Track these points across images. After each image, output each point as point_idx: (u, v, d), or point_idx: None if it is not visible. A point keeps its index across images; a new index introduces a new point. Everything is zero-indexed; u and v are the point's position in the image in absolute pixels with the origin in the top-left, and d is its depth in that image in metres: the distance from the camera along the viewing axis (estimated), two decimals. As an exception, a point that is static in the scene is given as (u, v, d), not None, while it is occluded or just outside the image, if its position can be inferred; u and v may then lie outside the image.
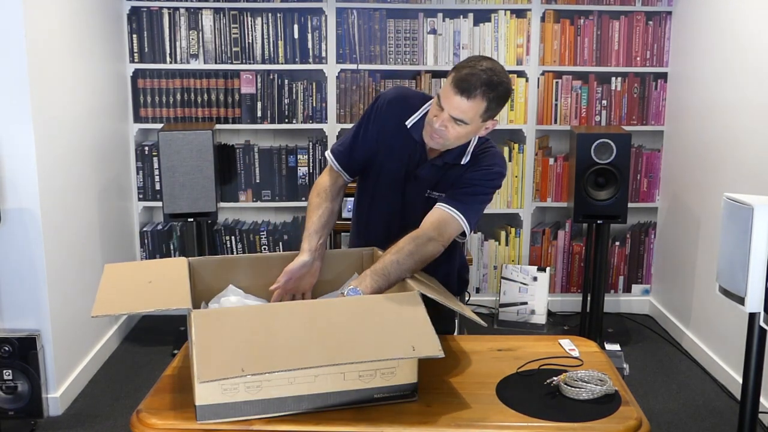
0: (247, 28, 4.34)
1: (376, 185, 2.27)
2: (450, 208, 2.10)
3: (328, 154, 2.31)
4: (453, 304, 1.93)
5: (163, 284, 1.79)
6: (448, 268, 2.34)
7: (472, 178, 2.15)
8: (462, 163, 2.18)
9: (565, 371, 1.81)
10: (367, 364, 1.64)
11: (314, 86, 4.40)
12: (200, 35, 4.34)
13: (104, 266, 1.90)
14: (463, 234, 2.14)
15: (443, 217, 2.09)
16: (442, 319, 1.72)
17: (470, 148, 2.18)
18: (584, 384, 1.75)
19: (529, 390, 1.76)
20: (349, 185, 2.35)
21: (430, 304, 1.81)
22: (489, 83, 1.99)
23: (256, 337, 1.59)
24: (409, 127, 2.18)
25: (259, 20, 4.33)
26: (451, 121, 2.03)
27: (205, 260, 2.02)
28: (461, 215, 2.09)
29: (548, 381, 1.78)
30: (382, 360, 1.64)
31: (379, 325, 1.68)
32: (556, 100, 4.46)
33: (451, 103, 2.01)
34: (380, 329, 1.67)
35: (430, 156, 2.19)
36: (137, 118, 4.39)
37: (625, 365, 2.97)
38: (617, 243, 4.62)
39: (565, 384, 1.76)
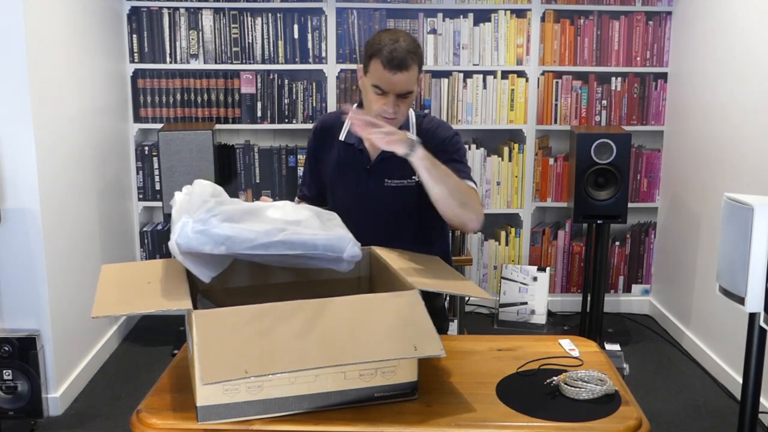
0: (247, 28, 4.34)
1: (336, 198, 2.35)
2: (467, 179, 2.20)
3: (296, 200, 2.41)
4: (458, 288, 1.97)
5: (162, 285, 1.78)
6: (443, 245, 2.41)
7: (452, 152, 2.23)
8: None
9: (565, 371, 1.80)
10: (368, 363, 1.64)
11: (314, 86, 4.40)
12: (200, 35, 4.34)
13: (101, 267, 1.89)
14: None
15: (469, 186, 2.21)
16: (434, 318, 1.73)
17: (411, 129, 2.27)
18: (584, 384, 1.75)
19: (528, 390, 1.76)
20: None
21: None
22: (411, 49, 2.12)
23: (257, 337, 1.59)
24: (343, 139, 2.30)
25: (259, 20, 4.33)
26: (399, 99, 2.14)
27: None
28: (474, 183, 2.23)
29: (548, 381, 1.78)
30: (384, 360, 1.64)
31: (381, 325, 1.68)
32: (556, 100, 4.46)
33: (394, 82, 2.11)
34: (381, 328, 1.67)
35: (372, 153, 2.27)
36: (137, 118, 4.39)
37: (625, 365, 2.98)
38: (617, 243, 4.62)
39: (565, 384, 1.76)
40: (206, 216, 1.71)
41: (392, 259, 2.02)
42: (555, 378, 1.78)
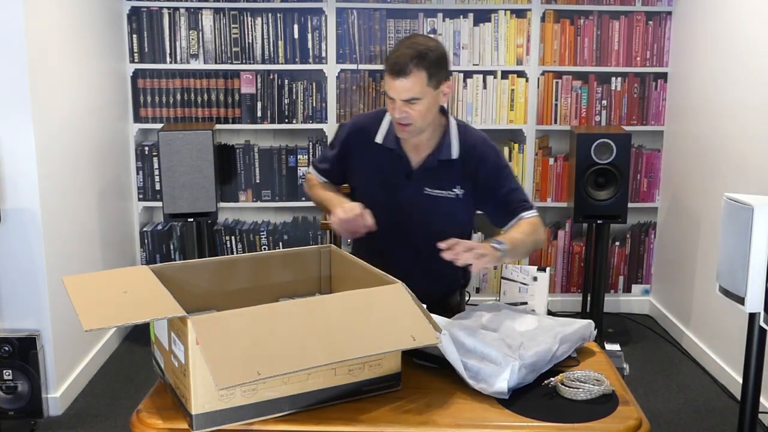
0: (247, 28, 4.34)
1: (371, 201, 2.25)
2: (526, 213, 2.27)
3: (310, 169, 2.45)
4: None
5: (141, 294, 1.74)
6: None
7: (500, 180, 2.27)
8: (454, 157, 2.24)
9: (562, 372, 1.81)
10: (362, 357, 1.65)
11: (314, 86, 4.40)
12: (200, 35, 4.34)
13: (63, 279, 1.81)
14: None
15: (535, 218, 2.28)
16: (450, 314, 1.80)
17: (453, 141, 2.25)
18: (581, 384, 1.75)
19: (526, 391, 1.77)
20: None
21: None
22: (417, 55, 2.08)
23: (260, 339, 1.58)
24: (381, 142, 2.28)
25: (259, 20, 4.33)
26: (406, 105, 2.11)
27: (169, 266, 1.96)
28: (533, 211, 2.29)
29: (546, 382, 1.78)
30: (388, 352, 1.67)
31: (376, 318, 1.68)
32: (556, 100, 4.46)
33: (395, 88, 2.10)
34: (378, 322, 1.68)
35: (414, 161, 2.26)
36: (137, 118, 4.39)
37: (625, 365, 2.97)
38: (617, 243, 4.62)
39: (563, 384, 1.76)
40: (524, 356, 1.79)
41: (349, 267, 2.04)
42: (552, 379, 1.78)
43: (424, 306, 1.77)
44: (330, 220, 2.16)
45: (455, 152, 2.23)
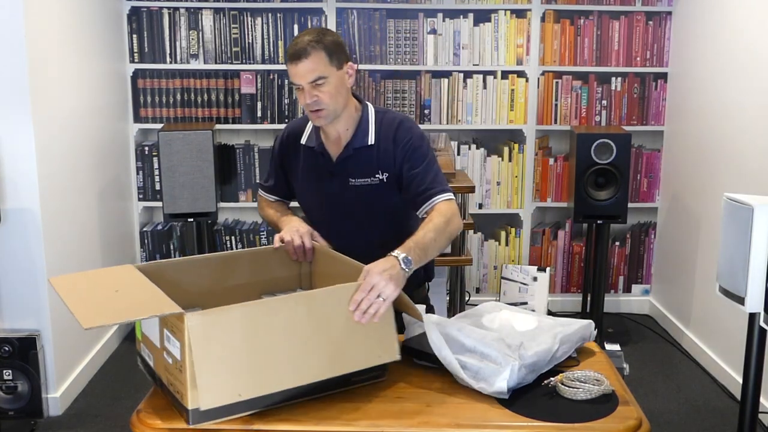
0: (247, 28, 4.34)
1: (306, 202, 2.38)
2: (441, 195, 2.17)
3: (259, 191, 2.48)
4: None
5: (133, 292, 1.76)
6: None
7: (416, 164, 2.21)
8: (370, 143, 2.24)
9: (562, 371, 1.81)
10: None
11: (314, 86, 4.39)
12: (200, 35, 4.34)
13: (49, 280, 1.84)
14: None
15: (447, 204, 2.17)
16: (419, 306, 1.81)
17: (370, 127, 2.26)
18: (581, 384, 1.75)
19: (526, 391, 1.77)
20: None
21: None
22: (314, 39, 2.14)
23: (249, 350, 1.63)
24: (304, 143, 2.31)
25: (259, 20, 4.33)
26: (314, 89, 2.14)
27: (155, 264, 2.01)
28: (449, 194, 2.19)
29: (546, 382, 1.78)
30: (355, 371, 1.75)
31: (351, 331, 1.74)
32: (556, 100, 4.46)
33: (299, 72, 2.13)
34: (352, 335, 1.74)
35: (334, 155, 2.27)
36: (137, 118, 4.39)
37: (625, 365, 2.98)
38: (617, 243, 4.62)
39: (562, 384, 1.76)
40: (524, 356, 1.79)
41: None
42: (552, 379, 1.78)
43: (406, 295, 1.84)
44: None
45: (371, 138, 2.24)
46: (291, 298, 1.80)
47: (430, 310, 2.45)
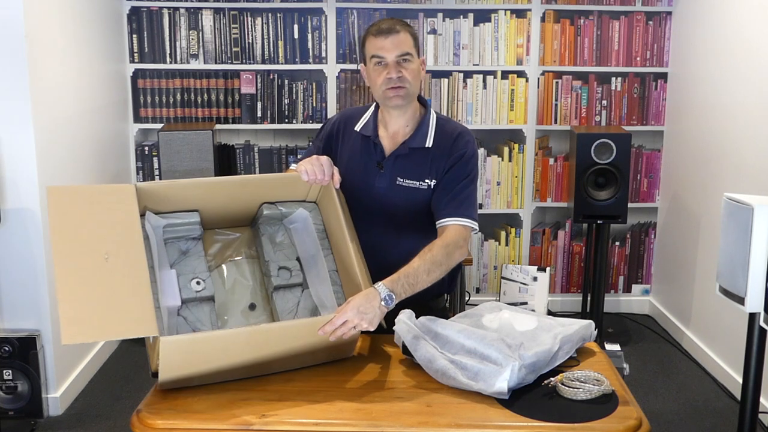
0: (247, 28, 4.34)
1: (348, 188, 2.25)
2: (460, 219, 2.15)
3: (293, 166, 2.36)
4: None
5: (121, 264, 1.79)
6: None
7: (456, 177, 2.19)
8: (427, 146, 2.21)
9: (562, 372, 1.81)
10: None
11: (314, 86, 4.40)
12: (200, 35, 4.34)
13: (47, 188, 1.84)
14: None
15: (459, 230, 2.14)
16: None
17: (430, 130, 2.24)
18: (581, 384, 1.75)
19: (526, 391, 1.77)
20: None
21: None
22: (401, 22, 2.20)
23: (214, 361, 1.74)
24: (359, 130, 2.28)
25: (259, 20, 4.33)
26: (400, 64, 2.15)
27: (156, 185, 2.00)
28: (470, 220, 2.17)
29: (546, 382, 1.78)
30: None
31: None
32: (556, 100, 4.46)
33: (387, 47, 2.15)
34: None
35: (388, 149, 2.25)
36: (137, 118, 4.39)
37: (625, 365, 2.97)
38: (617, 243, 4.62)
39: (562, 384, 1.76)
40: (524, 356, 1.79)
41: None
42: (552, 379, 1.78)
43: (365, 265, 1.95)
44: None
45: (429, 141, 2.22)
46: (263, 330, 1.80)
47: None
